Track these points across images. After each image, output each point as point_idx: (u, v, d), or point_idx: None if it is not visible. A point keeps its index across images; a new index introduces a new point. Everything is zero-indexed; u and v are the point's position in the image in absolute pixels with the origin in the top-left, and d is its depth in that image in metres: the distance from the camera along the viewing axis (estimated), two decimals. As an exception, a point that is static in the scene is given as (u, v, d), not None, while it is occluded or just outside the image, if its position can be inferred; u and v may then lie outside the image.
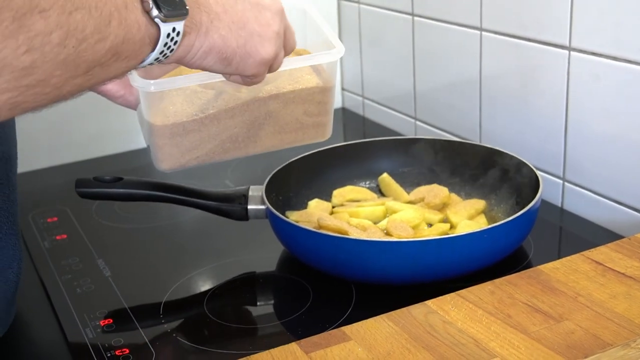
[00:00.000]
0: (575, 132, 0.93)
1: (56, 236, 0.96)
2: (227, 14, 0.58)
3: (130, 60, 0.50)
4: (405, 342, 0.61)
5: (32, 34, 0.40)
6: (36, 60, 0.41)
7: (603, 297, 0.66)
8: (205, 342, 0.71)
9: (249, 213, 0.87)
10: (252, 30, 0.60)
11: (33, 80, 0.42)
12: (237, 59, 0.59)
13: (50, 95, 0.45)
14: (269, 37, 0.61)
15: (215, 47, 0.57)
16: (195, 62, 0.57)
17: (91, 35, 0.44)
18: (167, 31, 0.51)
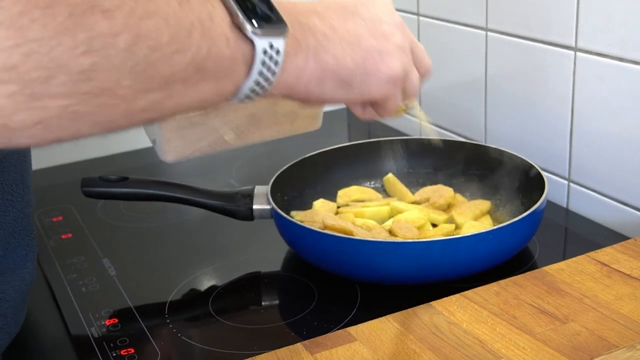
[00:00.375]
0: (581, 132, 0.92)
1: (61, 235, 0.96)
2: (337, 32, 0.52)
3: (220, 81, 0.45)
4: (410, 343, 0.61)
5: (92, 33, 0.37)
6: (97, 64, 0.38)
7: (609, 299, 0.66)
8: (210, 342, 0.72)
9: (254, 213, 0.87)
10: (369, 46, 0.54)
11: (95, 87, 0.38)
12: (357, 80, 0.53)
13: (120, 109, 0.41)
14: (389, 51, 0.55)
15: (329, 69, 0.51)
16: (313, 91, 0.52)
17: (167, 45, 0.40)
18: (264, 47, 0.46)
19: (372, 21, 0.55)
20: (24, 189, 0.63)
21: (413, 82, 0.59)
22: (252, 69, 0.46)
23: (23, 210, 0.63)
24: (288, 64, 0.49)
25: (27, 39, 0.35)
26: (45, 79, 0.36)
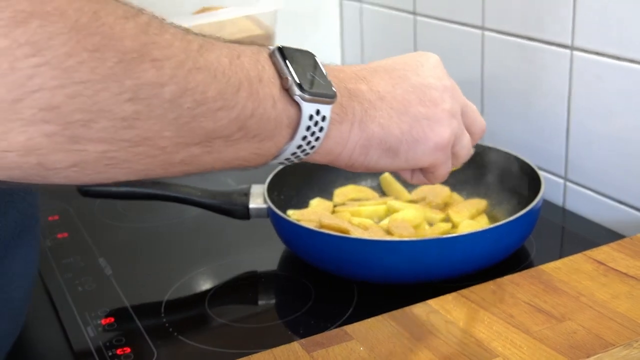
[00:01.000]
0: (578, 131, 0.93)
1: (57, 234, 0.96)
2: (384, 100, 0.51)
3: (262, 142, 0.45)
4: (407, 341, 0.61)
5: (139, 81, 0.37)
6: (140, 112, 0.37)
7: (605, 297, 0.66)
8: (207, 341, 0.71)
9: (250, 212, 0.86)
10: (417, 113, 0.53)
11: (136, 135, 0.38)
12: (404, 147, 0.52)
13: (158, 160, 0.40)
14: (438, 118, 0.54)
15: (374, 137, 0.50)
16: (357, 159, 0.51)
17: (213, 100, 0.40)
18: (310, 112, 0.46)
19: (421, 86, 0.54)
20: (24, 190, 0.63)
21: (465, 146, 0.58)
22: (296, 133, 0.46)
23: (25, 211, 0.63)
24: (333, 131, 0.48)
25: (73, 80, 0.35)
26: (86, 123, 0.36)
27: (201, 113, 0.40)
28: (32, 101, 0.34)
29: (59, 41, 0.34)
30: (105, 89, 0.36)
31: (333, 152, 0.50)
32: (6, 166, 0.36)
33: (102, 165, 0.39)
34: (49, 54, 0.34)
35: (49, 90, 0.34)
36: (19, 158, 0.36)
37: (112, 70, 0.36)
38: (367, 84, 0.52)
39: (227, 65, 0.42)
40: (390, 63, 0.55)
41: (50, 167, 0.37)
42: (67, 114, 0.35)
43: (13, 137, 0.35)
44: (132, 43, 0.36)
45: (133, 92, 0.36)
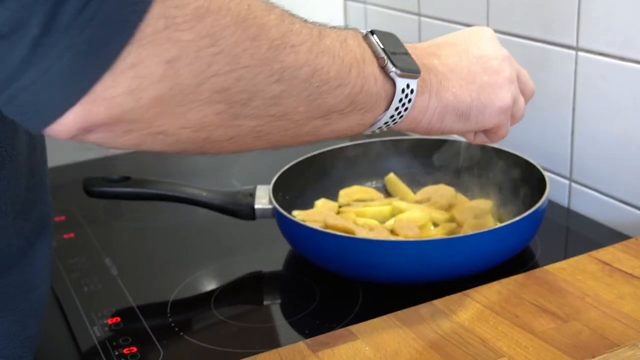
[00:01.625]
0: (582, 132, 0.93)
1: (63, 235, 0.96)
2: (454, 72, 0.59)
3: (365, 113, 0.52)
4: (412, 341, 0.61)
5: (284, 64, 0.43)
6: (284, 92, 0.44)
7: (610, 298, 0.66)
8: (213, 341, 0.72)
9: (255, 212, 0.87)
10: (482, 82, 0.60)
11: (279, 111, 0.45)
12: (474, 112, 0.60)
13: (290, 132, 0.47)
14: (500, 84, 0.61)
15: (449, 105, 0.58)
16: (434, 125, 0.58)
17: (334, 79, 0.47)
18: (402, 86, 0.53)
19: (483, 57, 0.62)
20: (42, 191, 0.65)
21: (520, 108, 0.65)
22: (391, 105, 0.53)
23: (44, 210, 0.65)
24: (416, 101, 0.56)
25: (240, 65, 0.41)
26: (246, 102, 0.42)
27: (325, 91, 0.47)
28: (210, 84, 0.40)
29: (229, 32, 0.40)
30: (260, 72, 0.42)
31: (415, 120, 0.57)
32: (181, 140, 0.42)
33: (250, 138, 0.45)
34: (223, 44, 0.39)
35: (222, 75, 0.40)
36: (192, 134, 0.42)
37: (265, 55, 0.42)
38: (438, 59, 0.59)
39: (339, 48, 0.48)
40: (453, 38, 0.63)
41: (214, 140, 0.44)
42: (233, 95, 0.41)
43: (191, 115, 0.41)
44: (277, 32, 0.43)
45: (279, 74, 0.43)
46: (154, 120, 0.40)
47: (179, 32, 0.38)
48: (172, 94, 0.39)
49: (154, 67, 0.38)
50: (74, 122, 0.38)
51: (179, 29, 0.38)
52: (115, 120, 0.39)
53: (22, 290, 0.62)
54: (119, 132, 0.40)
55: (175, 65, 0.38)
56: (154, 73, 0.38)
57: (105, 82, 0.37)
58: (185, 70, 0.39)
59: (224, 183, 1.10)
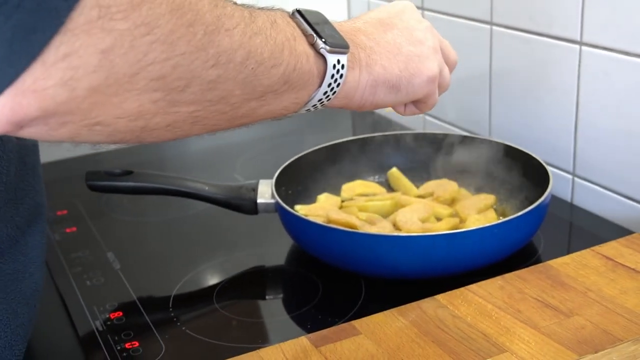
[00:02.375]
0: (586, 127, 0.92)
1: (66, 229, 0.96)
2: (380, 45, 0.60)
3: (299, 91, 0.53)
4: (414, 336, 0.61)
5: (219, 49, 0.43)
6: (221, 76, 0.44)
7: (613, 293, 0.66)
8: (215, 336, 0.72)
9: (258, 207, 0.87)
10: (409, 53, 0.62)
11: (216, 95, 0.45)
12: (404, 83, 0.61)
13: (227, 116, 0.47)
14: (426, 54, 0.63)
15: (380, 77, 0.59)
16: (367, 98, 0.60)
17: (268, 60, 0.47)
18: (333, 62, 0.54)
19: (407, 30, 0.63)
20: (35, 179, 0.65)
21: (446, 77, 0.67)
22: (324, 81, 0.54)
23: (36, 199, 0.65)
24: (348, 77, 0.56)
25: (176, 53, 0.40)
26: (183, 88, 0.42)
27: (261, 72, 0.47)
28: (146, 73, 0.39)
29: (164, 20, 0.39)
30: (197, 58, 0.42)
31: (348, 96, 0.58)
32: (119, 130, 0.42)
33: (188, 124, 0.45)
34: (159, 32, 0.39)
35: (159, 63, 0.40)
36: (130, 123, 0.42)
37: (201, 41, 0.42)
38: (364, 34, 0.60)
39: (270, 28, 0.48)
40: (376, 14, 0.64)
41: (152, 128, 0.43)
42: (170, 82, 0.41)
43: (127, 105, 0.40)
44: (211, 16, 0.43)
45: (215, 58, 0.43)
46: (89, 112, 0.39)
47: (114, 21, 0.37)
48: (107, 84, 0.38)
49: (88, 57, 0.37)
50: (2, 115, 0.37)
51: (113, 18, 0.37)
52: (49, 113, 0.38)
53: (14, 278, 0.62)
54: (54, 125, 0.39)
55: (110, 55, 0.37)
56: (89, 63, 0.37)
57: (35, 72, 0.36)
58: (120, 60, 0.38)
59: (226, 177, 1.10)
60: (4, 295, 0.60)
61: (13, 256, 0.62)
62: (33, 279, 0.64)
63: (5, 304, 0.61)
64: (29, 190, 0.64)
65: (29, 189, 0.64)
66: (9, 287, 0.61)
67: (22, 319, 0.63)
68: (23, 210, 0.63)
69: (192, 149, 1.28)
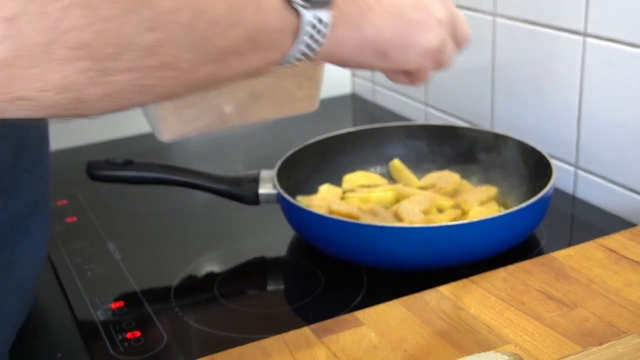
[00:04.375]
0: (589, 119, 0.92)
1: (66, 219, 0.96)
2: (380, 4, 0.54)
3: (270, 51, 0.47)
4: (417, 327, 0.61)
5: (156, 10, 0.39)
6: (161, 40, 0.39)
7: (617, 285, 0.66)
8: (217, 326, 0.71)
9: (260, 197, 0.86)
10: (409, 19, 0.55)
11: (158, 61, 0.40)
12: (394, 51, 0.55)
13: (179, 81, 0.43)
14: (428, 24, 0.57)
15: (368, 39, 0.54)
16: (352, 58, 0.54)
17: (224, 19, 0.42)
18: (309, 19, 0.48)
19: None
20: (41, 169, 0.64)
21: (447, 54, 0.60)
22: (299, 39, 0.48)
23: (40, 188, 0.64)
24: (332, 33, 0.50)
25: (99, 17, 0.36)
26: (114, 55, 0.38)
27: (214, 33, 0.42)
28: (65, 41, 0.36)
29: None
30: (127, 22, 0.37)
31: (331, 53, 0.52)
32: (46, 104, 0.38)
33: (130, 93, 0.41)
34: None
35: (78, 30, 0.36)
36: (57, 95, 0.38)
37: (130, 3, 0.37)
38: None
39: None
40: None
41: (86, 100, 0.39)
42: (97, 50, 0.37)
43: (50, 77, 0.37)
44: None
45: (152, 21, 0.38)
46: (7, 85, 0.36)
47: None
48: (18, 55, 0.35)
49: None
50: None
51: None
52: None
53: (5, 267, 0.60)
54: None
55: (17, 23, 0.34)
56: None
57: None
58: (29, 28, 0.35)
59: (227, 168, 1.10)
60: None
61: (10, 246, 0.61)
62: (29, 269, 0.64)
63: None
64: (29, 181, 0.63)
65: (29, 179, 0.63)
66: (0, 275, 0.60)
67: (9, 309, 0.62)
68: (21, 201, 0.62)
69: (193, 139, 1.27)
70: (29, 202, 0.63)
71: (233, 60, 0.45)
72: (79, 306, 0.76)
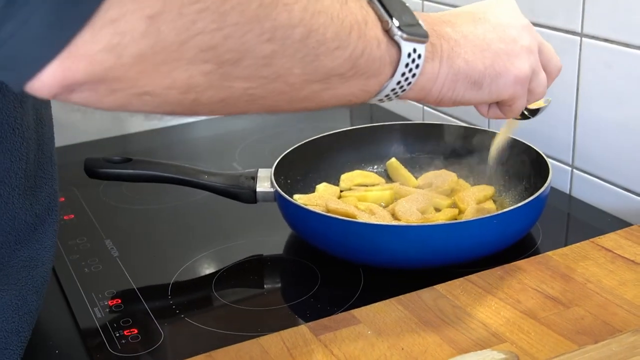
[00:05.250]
0: (585, 119, 0.92)
1: (64, 216, 0.96)
2: (468, 39, 0.56)
3: (369, 79, 0.50)
4: (414, 325, 0.61)
5: (275, 23, 0.41)
6: (276, 52, 0.42)
7: (612, 284, 0.66)
8: (214, 324, 0.72)
9: (257, 195, 0.86)
10: (498, 50, 0.57)
11: (272, 72, 0.43)
12: (487, 80, 0.57)
13: (286, 96, 0.46)
14: (517, 53, 0.58)
15: (461, 72, 0.55)
16: (446, 93, 0.56)
17: (331, 41, 0.45)
18: (408, 51, 0.51)
19: (500, 26, 0.59)
20: (52, 167, 0.65)
21: (541, 82, 0.62)
22: (397, 71, 0.51)
23: (54, 189, 0.65)
24: (425, 67, 0.53)
25: (227, 23, 0.39)
26: (235, 61, 0.41)
27: (322, 52, 0.45)
28: (195, 43, 0.39)
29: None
30: (250, 30, 0.40)
31: (425, 88, 0.55)
32: (168, 102, 0.41)
33: (242, 101, 0.44)
34: (209, 1, 0.38)
35: (208, 33, 0.39)
36: (180, 95, 0.41)
37: (255, 13, 0.40)
38: (451, 27, 0.57)
39: (339, 9, 0.46)
40: (470, 8, 0.60)
41: (203, 102, 0.43)
42: (221, 54, 0.40)
43: (177, 75, 0.40)
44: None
45: (271, 33, 0.41)
46: (137, 80, 0.39)
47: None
48: (154, 51, 0.38)
49: (135, 22, 0.37)
50: (54, 78, 0.37)
51: None
52: (98, 79, 0.38)
53: (28, 266, 0.62)
54: (103, 92, 0.39)
55: (157, 22, 0.37)
56: (135, 29, 0.37)
57: (84, 37, 0.36)
58: (167, 27, 0.38)
59: (225, 166, 1.10)
60: (15, 281, 0.61)
61: (30, 244, 0.62)
62: (44, 268, 0.65)
63: (17, 290, 0.61)
64: (47, 179, 0.64)
65: (47, 177, 0.64)
66: (21, 273, 0.61)
67: (30, 306, 0.63)
68: (41, 199, 0.63)
69: (191, 137, 1.28)
70: (47, 200, 0.64)
71: (336, 82, 0.48)
72: (76, 303, 0.76)
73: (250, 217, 0.92)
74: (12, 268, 0.60)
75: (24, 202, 0.60)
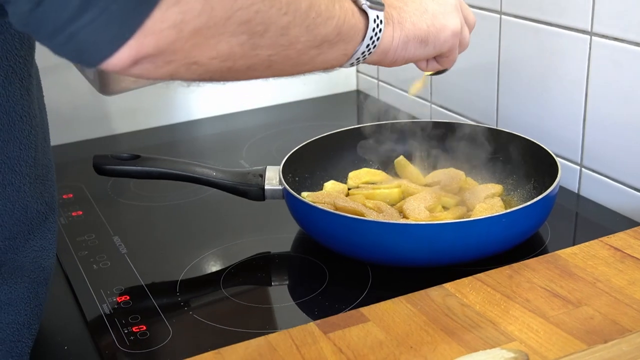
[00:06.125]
0: (594, 118, 0.92)
1: (72, 212, 0.96)
2: (408, 5, 0.66)
3: (348, 43, 0.59)
4: (423, 324, 0.61)
5: None
6: (291, 22, 0.50)
7: (622, 283, 0.66)
8: (222, 320, 0.72)
9: (265, 193, 0.86)
10: (434, 10, 0.67)
11: (287, 40, 0.51)
12: (431, 37, 0.67)
13: (292, 61, 0.54)
14: (449, 10, 0.69)
15: (410, 33, 0.65)
16: (400, 53, 0.65)
17: (325, 12, 0.54)
18: (373, 17, 0.60)
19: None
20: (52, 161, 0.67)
21: (465, 36, 0.73)
22: (366, 34, 0.60)
23: (54, 189, 0.67)
24: (385, 32, 0.63)
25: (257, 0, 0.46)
26: (262, 32, 0.48)
27: (320, 22, 0.53)
28: (236, 18, 0.46)
29: None
30: (273, 5, 0.48)
31: (384, 50, 0.64)
32: (210, 70, 0.48)
33: (264, 67, 0.52)
34: None
35: (245, 9, 0.46)
36: (220, 63, 0.48)
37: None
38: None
39: None
40: None
41: (236, 69, 0.50)
42: (253, 26, 0.47)
43: (221, 46, 0.47)
44: None
45: (287, 6, 0.49)
46: (190, 51, 0.45)
47: None
48: (207, 26, 0.44)
49: (194, 2, 0.43)
50: (129, 55, 0.43)
51: None
52: (161, 52, 0.44)
53: (39, 256, 0.63)
54: (160, 63, 0.45)
55: (210, 1, 0.44)
56: (194, 8, 0.43)
57: (155, 17, 0.42)
58: (218, 5, 0.44)
59: (232, 164, 1.10)
60: (28, 273, 0.62)
61: (41, 233, 0.64)
62: (53, 260, 0.66)
63: (29, 282, 0.62)
64: (51, 167, 0.66)
65: (51, 166, 0.66)
66: (33, 265, 0.63)
67: (40, 299, 0.64)
68: (49, 187, 0.65)
69: (198, 134, 1.28)
70: (53, 193, 0.66)
71: (326, 48, 0.56)
72: (85, 299, 0.76)
73: (258, 214, 0.92)
74: (25, 259, 0.62)
75: (34, 191, 0.61)
